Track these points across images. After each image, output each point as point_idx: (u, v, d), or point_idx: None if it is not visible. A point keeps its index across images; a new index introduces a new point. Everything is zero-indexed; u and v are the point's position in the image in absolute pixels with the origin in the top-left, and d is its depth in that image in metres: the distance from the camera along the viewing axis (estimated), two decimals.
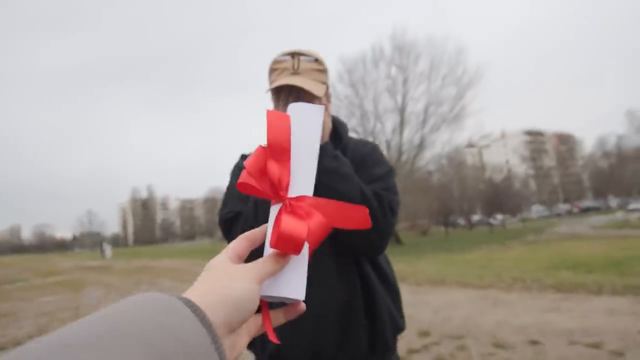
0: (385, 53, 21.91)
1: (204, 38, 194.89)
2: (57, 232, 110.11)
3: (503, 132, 79.32)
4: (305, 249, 0.38)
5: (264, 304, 0.38)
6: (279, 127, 0.41)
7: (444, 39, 34.70)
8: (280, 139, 0.41)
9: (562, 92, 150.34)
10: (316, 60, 1.00)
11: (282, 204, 0.39)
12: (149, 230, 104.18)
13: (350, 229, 0.41)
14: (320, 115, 0.45)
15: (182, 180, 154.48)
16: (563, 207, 53.63)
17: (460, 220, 38.18)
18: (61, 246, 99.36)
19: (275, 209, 0.40)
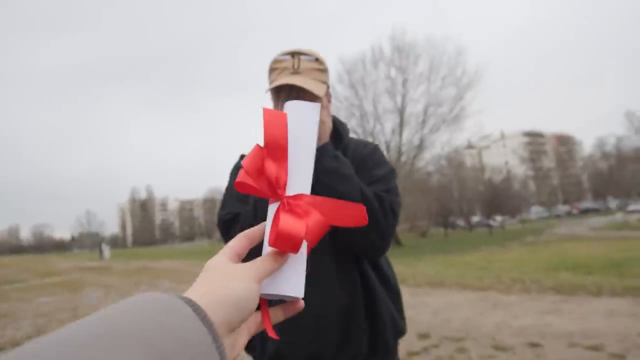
0: (384, 54, 21.96)
1: (204, 38, 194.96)
2: (56, 233, 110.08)
3: (502, 133, 79.44)
4: (303, 247, 0.39)
5: (263, 301, 0.39)
6: (276, 126, 0.41)
7: (443, 40, 34.76)
8: (277, 137, 0.41)
9: (562, 93, 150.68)
10: (317, 60, 0.99)
11: (280, 203, 0.40)
12: (148, 231, 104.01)
13: (348, 226, 0.41)
14: (317, 113, 0.45)
15: (182, 181, 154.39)
16: (562, 209, 53.70)
17: (460, 222, 38.19)
18: (60, 247, 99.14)
19: (273, 207, 0.40)
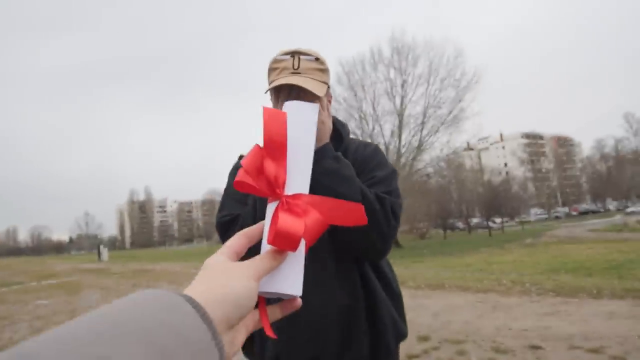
0: (383, 55, 22.02)
1: (203, 38, 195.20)
2: (54, 235, 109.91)
3: (501, 135, 79.60)
4: (302, 246, 0.39)
5: (262, 299, 0.39)
6: (275, 125, 0.42)
7: (442, 42, 34.81)
8: (276, 136, 0.41)
9: (560, 95, 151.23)
10: (317, 60, 0.97)
11: (279, 202, 0.40)
12: (147, 233, 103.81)
13: (346, 226, 0.42)
14: (315, 113, 0.46)
15: (181, 182, 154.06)
16: (561, 210, 53.83)
17: (459, 223, 38.19)
18: (58, 249, 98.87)
19: (272, 206, 0.41)
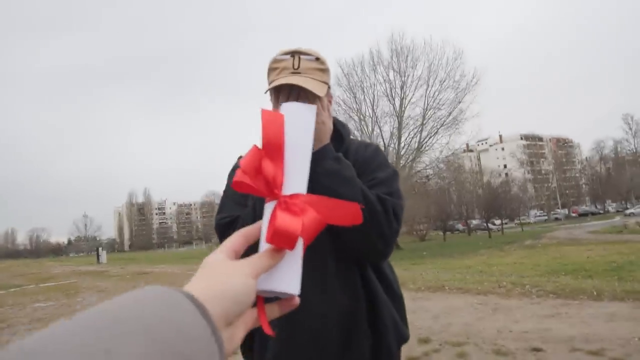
0: (383, 57, 22.08)
1: (204, 38, 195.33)
2: (53, 237, 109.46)
3: (501, 136, 79.75)
4: (299, 245, 0.40)
5: (260, 297, 0.39)
6: (273, 126, 0.43)
7: (441, 43, 34.84)
8: (274, 138, 0.42)
9: (560, 96, 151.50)
10: (317, 59, 0.96)
11: (277, 201, 0.41)
12: (145, 235, 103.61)
13: (344, 225, 0.43)
14: (313, 115, 0.47)
15: (180, 184, 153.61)
16: (561, 212, 53.87)
17: (459, 225, 38.21)
18: (56, 251, 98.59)
19: (270, 206, 0.42)
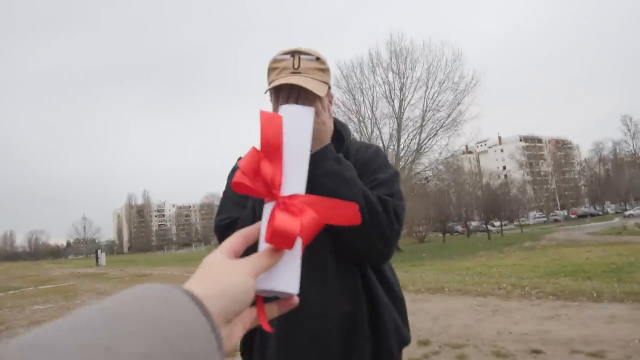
0: (382, 59, 22.10)
1: (203, 38, 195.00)
2: (51, 239, 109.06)
3: (500, 138, 79.86)
4: (298, 245, 0.40)
5: (259, 297, 0.40)
6: (272, 128, 0.44)
7: (440, 45, 34.90)
8: (273, 139, 0.43)
9: (559, 98, 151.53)
10: (317, 59, 0.96)
11: (276, 202, 0.42)
12: (145, 238, 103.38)
13: (342, 225, 0.43)
14: (311, 117, 0.48)
15: (179, 186, 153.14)
16: (560, 213, 53.89)
17: (458, 227, 38.21)
18: (55, 253, 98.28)
19: (269, 206, 0.43)
